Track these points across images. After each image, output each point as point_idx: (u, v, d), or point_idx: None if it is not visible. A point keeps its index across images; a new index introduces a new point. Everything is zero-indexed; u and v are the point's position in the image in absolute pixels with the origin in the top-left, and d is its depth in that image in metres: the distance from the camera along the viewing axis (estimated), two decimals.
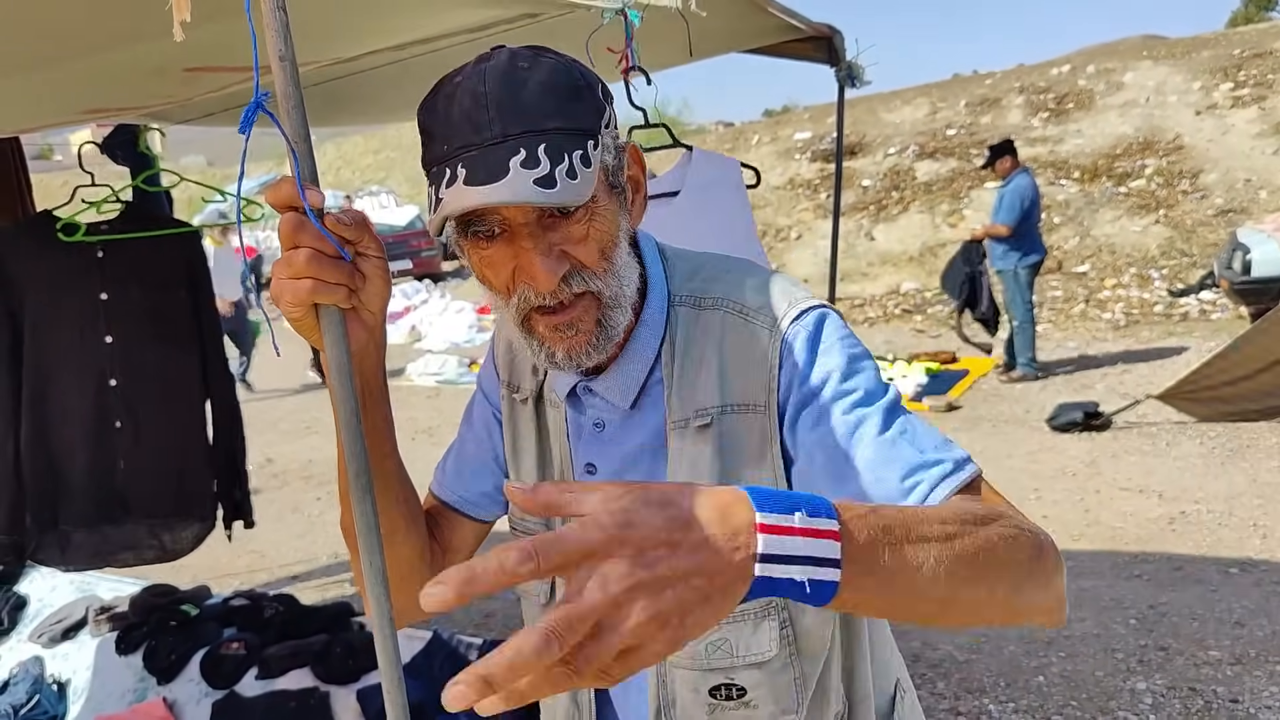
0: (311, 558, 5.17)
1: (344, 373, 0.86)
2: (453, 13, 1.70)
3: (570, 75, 0.90)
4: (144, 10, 1.25)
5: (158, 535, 2.96)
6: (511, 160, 0.83)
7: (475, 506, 1.18)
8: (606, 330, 0.95)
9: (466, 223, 0.90)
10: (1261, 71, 13.62)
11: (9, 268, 2.75)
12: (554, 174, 0.84)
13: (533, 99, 0.86)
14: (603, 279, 0.93)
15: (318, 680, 2.94)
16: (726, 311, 1.01)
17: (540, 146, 0.84)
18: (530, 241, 0.89)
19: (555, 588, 1.11)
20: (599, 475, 1.05)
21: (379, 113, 3.34)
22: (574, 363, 0.96)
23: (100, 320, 2.80)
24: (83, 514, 2.85)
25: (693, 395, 1.00)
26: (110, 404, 2.82)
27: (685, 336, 1.02)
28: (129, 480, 2.87)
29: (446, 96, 0.89)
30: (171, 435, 2.93)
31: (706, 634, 0.92)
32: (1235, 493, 5.05)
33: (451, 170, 0.86)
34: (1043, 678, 3.42)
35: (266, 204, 0.83)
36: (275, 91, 0.80)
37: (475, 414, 1.22)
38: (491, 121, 0.85)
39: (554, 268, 0.89)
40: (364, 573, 0.89)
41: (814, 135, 16.38)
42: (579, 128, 0.88)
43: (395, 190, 23.26)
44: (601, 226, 0.92)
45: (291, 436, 7.79)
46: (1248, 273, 7.77)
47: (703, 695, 1.00)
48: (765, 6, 2.33)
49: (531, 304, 0.92)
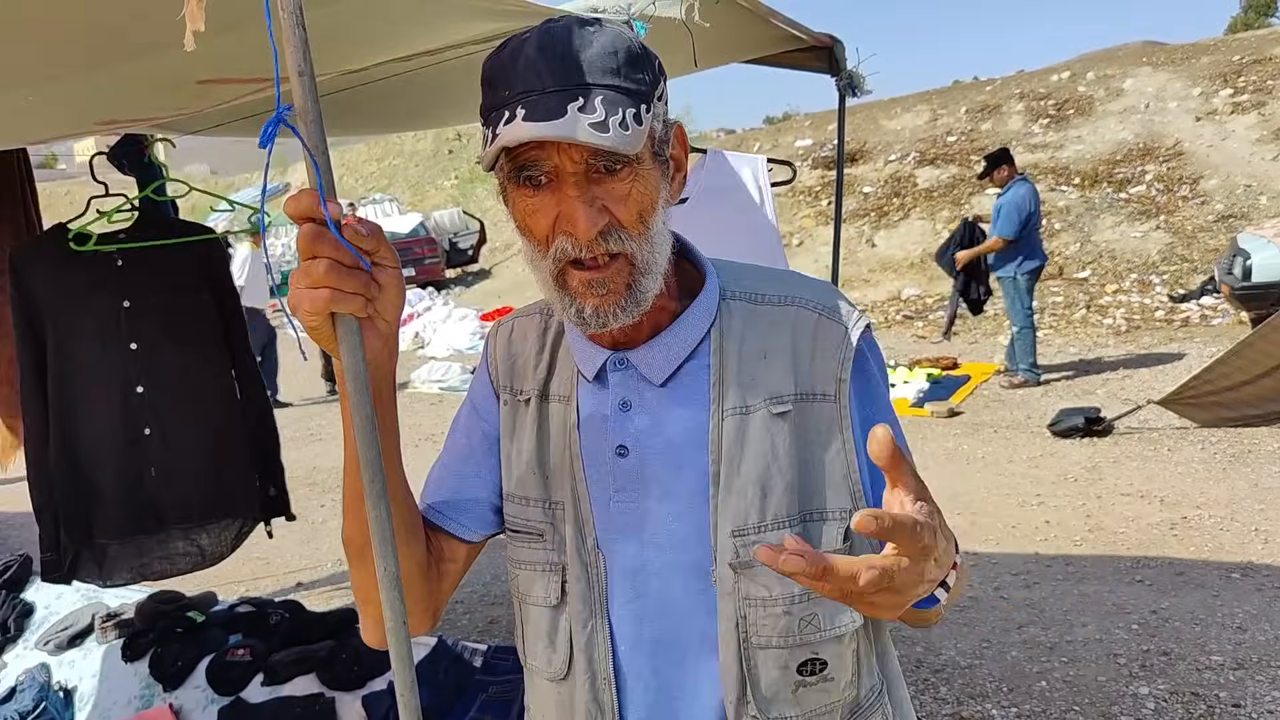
0: (316, 564, 5.19)
1: (360, 381, 0.88)
2: (459, 25, 1.72)
3: (631, 44, 0.95)
4: (161, 23, 1.27)
5: (195, 540, 2.97)
6: (570, 105, 0.88)
7: (459, 526, 1.16)
8: (635, 295, 0.98)
9: (519, 168, 0.94)
10: (1261, 77, 13.65)
11: (30, 284, 2.76)
12: (607, 122, 0.88)
13: (595, 56, 0.92)
14: (637, 242, 0.97)
15: (323, 686, 2.95)
16: (801, 308, 1.06)
17: (598, 98, 0.89)
18: (575, 189, 0.93)
19: (565, 591, 1.10)
20: (631, 457, 1.06)
21: (384, 123, 3.36)
22: (600, 320, 0.98)
23: (123, 328, 2.81)
24: (117, 525, 2.86)
25: (756, 384, 1.04)
26: (138, 411, 2.84)
27: (743, 328, 1.06)
28: (161, 487, 2.88)
29: (512, 50, 0.94)
30: (204, 437, 2.94)
31: (803, 607, 1.03)
32: (1237, 498, 5.06)
33: (510, 111, 0.90)
34: (1045, 683, 3.43)
35: (285, 214, 0.85)
36: (295, 105, 0.82)
37: (461, 431, 1.20)
38: (554, 71, 0.90)
39: (594, 218, 0.93)
40: (379, 579, 0.91)
41: (815, 142, 16.43)
42: (635, 89, 0.93)
43: (398, 198, 23.31)
44: (643, 189, 0.96)
45: (295, 444, 7.80)
46: (1248, 278, 7.78)
47: (791, 672, 1.02)
48: (768, 17, 2.35)
49: (569, 255, 0.96)
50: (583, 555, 1.09)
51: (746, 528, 1.01)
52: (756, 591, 1.01)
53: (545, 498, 1.12)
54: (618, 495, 1.07)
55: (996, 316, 9.91)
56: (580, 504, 1.09)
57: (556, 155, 0.92)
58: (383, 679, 2.98)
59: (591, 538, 1.08)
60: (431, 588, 1.13)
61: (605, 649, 1.08)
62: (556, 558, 1.11)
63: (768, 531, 1.00)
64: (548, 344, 1.16)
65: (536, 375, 1.14)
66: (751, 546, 1.00)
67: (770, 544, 0.70)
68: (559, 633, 1.11)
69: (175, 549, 2.96)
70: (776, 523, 1.00)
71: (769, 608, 1.01)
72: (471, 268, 19.96)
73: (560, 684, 1.11)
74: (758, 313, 1.07)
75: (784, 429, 1.02)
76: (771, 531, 1.00)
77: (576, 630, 1.09)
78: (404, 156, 24.77)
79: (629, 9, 1.78)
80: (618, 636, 1.08)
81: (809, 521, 1.02)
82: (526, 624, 1.16)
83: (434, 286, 17.56)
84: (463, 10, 1.56)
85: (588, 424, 1.10)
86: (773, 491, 1.01)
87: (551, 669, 1.12)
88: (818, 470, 1.02)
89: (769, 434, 1.02)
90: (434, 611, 1.15)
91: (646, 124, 0.93)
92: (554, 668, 1.11)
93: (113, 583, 2.99)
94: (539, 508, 1.12)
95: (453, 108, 3.09)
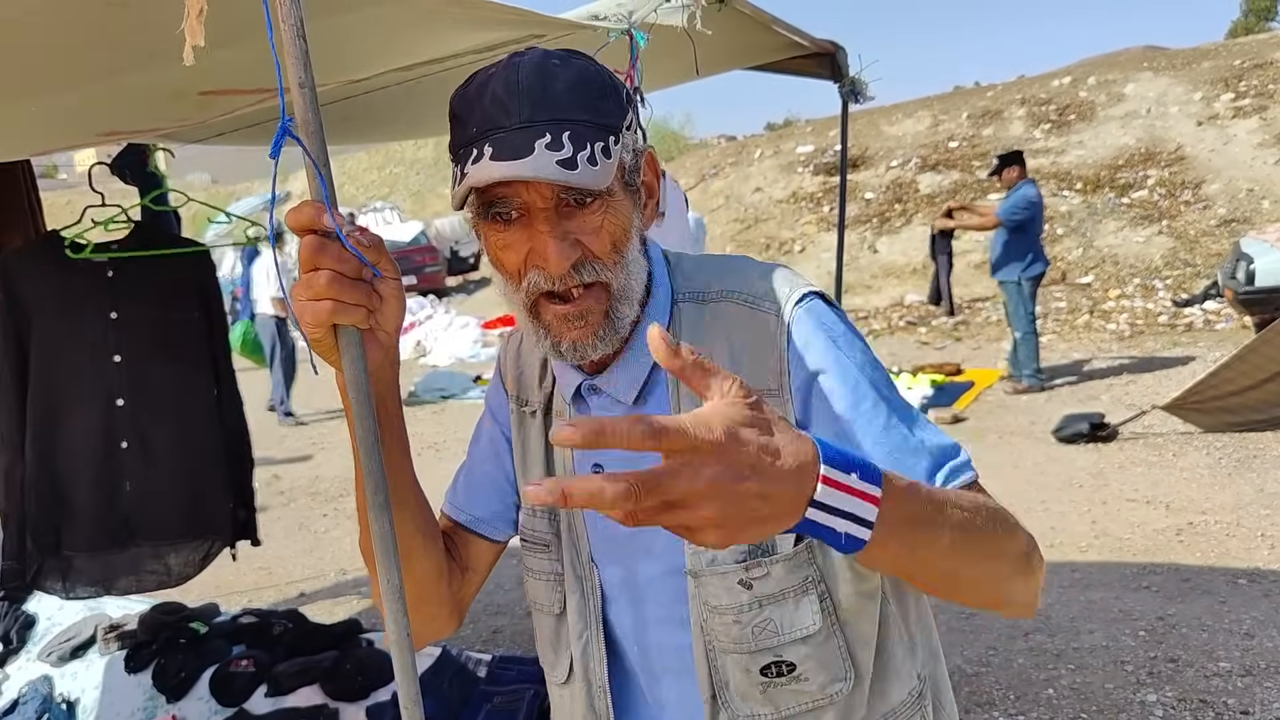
0: (319, 574, 5.18)
1: (362, 392, 0.87)
2: (460, 34, 1.72)
3: (599, 76, 0.95)
4: (164, 35, 1.27)
5: (163, 559, 2.90)
6: (537, 142, 0.88)
7: (487, 525, 1.19)
8: (613, 323, 0.98)
9: (489, 204, 0.94)
10: (1262, 82, 13.66)
11: (17, 288, 2.73)
12: (575, 158, 0.88)
13: (561, 92, 0.91)
14: (613, 271, 0.97)
15: (327, 698, 2.95)
16: (732, 301, 1.04)
17: (565, 133, 0.89)
18: (546, 225, 0.93)
19: (567, 600, 1.12)
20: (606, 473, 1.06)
21: (385, 132, 3.36)
22: (578, 354, 0.98)
23: (109, 339, 2.77)
24: (87, 538, 2.80)
25: None
26: (117, 424, 2.78)
27: (689, 331, 1.04)
28: (136, 502, 2.82)
29: (479, 85, 0.94)
30: (183, 455, 2.88)
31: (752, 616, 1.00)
32: (1242, 503, 5.04)
33: (478, 149, 0.90)
34: (1052, 690, 3.41)
35: (286, 225, 0.84)
36: (296, 117, 0.81)
37: (483, 434, 1.23)
38: (521, 108, 0.90)
39: (566, 252, 0.93)
40: (382, 591, 0.90)
41: (816, 148, 16.45)
42: (603, 123, 0.92)
43: (399, 206, 23.35)
44: (615, 219, 0.96)
45: (298, 454, 7.81)
46: (1252, 282, 7.77)
47: (754, 675, 1.01)
48: (770, 25, 2.35)
49: (541, 289, 0.95)
50: (577, 569, 1.11)
51: None
52: (710, 599, 1.01)
53: (550, 509, 1.13)
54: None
55: (999, 322, 9.90)
56: (574, 518, 1.10)
57: (525, 192, 0.92)
58: (387, 690, 2.98)
59: (586, 551, 1.10)
60: (454, 589, 1.15)
61: (600, 659, 1.10)
62: (560, 568, 1.13)
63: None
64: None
65: (542, 390, 1.15)
66: (704, 553, 1.00)
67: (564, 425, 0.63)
68: (561, 641, 1.14)
69: (143, 566, 2.89)
70: None
71: (721, 616, 1.01)
72: (473, 275, 19.99)
73: (563, 688, 1.16)
74: (705, 312, 1.05)
75: None
76: None
77: (573, 640, 1.12)
78: (405, 164, 24.82)
79: (630, 17, 1.78)
80: (613, 645, 1.11)
81: None
82: (538, 629, 1.20)
83: (435, 294, 17.58)
84: (464, 20, 1.56)
85: None
86: None
87: (555, 673, 1.16)
88: None
89: None
90: (459, 612, 1.17)
91: (615, 156, 0.93)
92: (557, 673, 1.16)
93: (74, 595, 2.92)
94: (544, 518, 1.14)
95: None
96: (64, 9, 1.13)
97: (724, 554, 0.99)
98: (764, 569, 0.99)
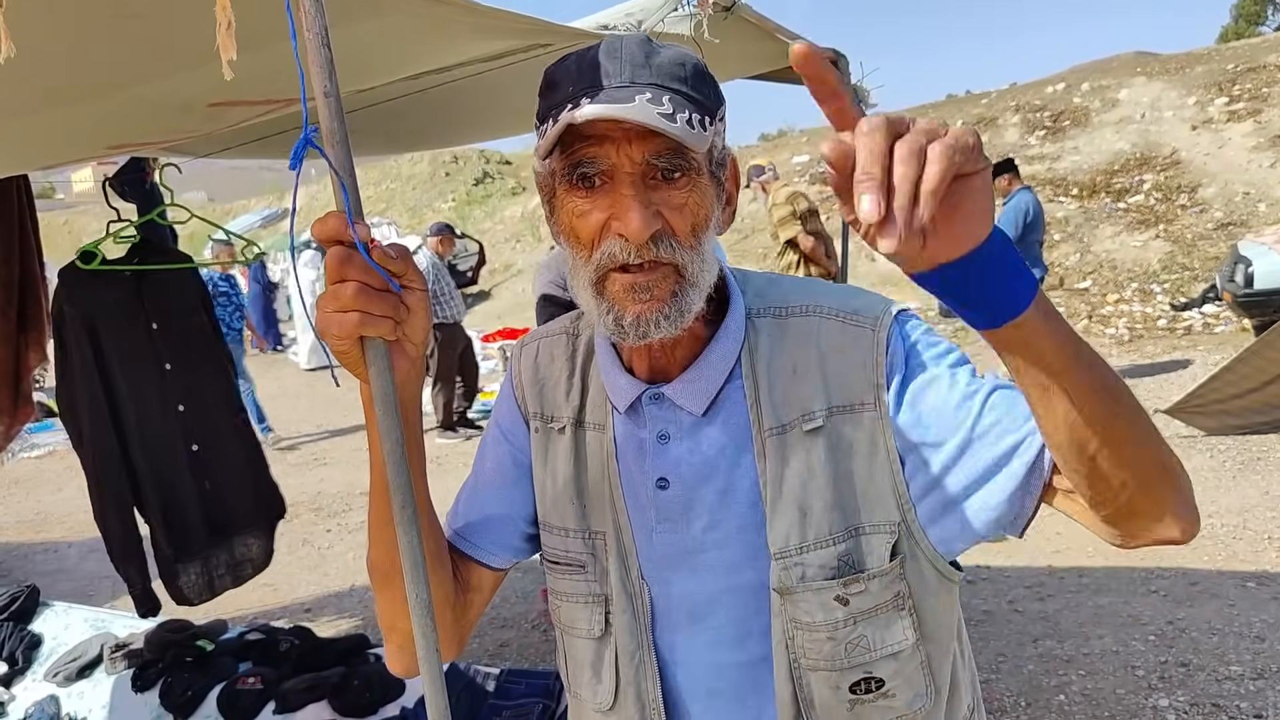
0: (324, 590, 5.15)
1: (389, 404, 0.86)
2: (469, 43, 1.72)
3: (698, 62, 0.94)
4: (173, 46, 1.27)
5: (250, 547, 3.21)
6: (638, 96, 0.86)
7: (487, 554, 1.15)
8: (680, 305, 0.94)
9: (574, 165, 0.91)
10: (1256, 85, 13.71)
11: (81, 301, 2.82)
12: (675, 116, 0.86)
13: (663, 64, 0.90)
14: (688, 253, 0.93)
15: (335, 714, 2.93)
16: (823, 317, 1.02)
17: (665, 96, 0.87)
18: (631, 189, 0.90)
19: (609, 622, 1.08)
20: (672, 488, 1.03)
21: (388, 145, 3.36)
22: (640, 330, 0.94)
23: (158, 349, 2.95)
24: (198, 541, 3.04)
25: (789, 401, 1.00)
26: (186, 429, 3.00)
27: (770, 345, 1.02)
28: (218, 500, 3.07)
29: (577, 55, 0.93)
30: (236, 450, 3.16)
31: (847, 632, 0.97)
32: (1248, 506, 5.03)
33: (574, 103, 0.87)
34: (1063, 696, 3.40)
35: (313, 236, 0.83)
36: (321, 126, 0.81)
37: (489, 455, 1.18)
38: (622, 70, 0.89)
39: (649, 220, 0.90)
40: (410, 605, 0.89)
41: (812, 158, 16.48)
42: (701, 100, 0.91)
43: (396, 221, 23.33)
44: (699, 201, 0.93)
45: (300, 469, 7.78)
46: (1250, 285, 7.78)
47: (843, 692, 0.99)
48: (773, 33, 2.35)
49: (616, 260, 0.92)
50: (627, 587, 1.07)
51: (788, 549, 0.99)
52: (801, 616, 0.99)
53: (585, 528, 1.09)
54: (660, 526, 1.04)
55: None
56: (623, 535, 1.07)
57: (615, 154, 0.89)
58: (395, 705, 2.96)
59: (635, 569, 1.06)
60: (458, 616, 1.12)
61: (654, 679, 1.06)
62: (599, 589, 1.09)
63: (809, 552, 0.98)
64: (577, 367, 1.12)
65: (570, 402, 1.11)
66: (794, 569, 0.98)
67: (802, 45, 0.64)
68: (604, 664, 1.09)
69: (238, 558, 3.15)
70: (818, 542, 0.98)
71: (813, 633, 0.98)
72: (471, 289, 19.97)
73: (608, 714, 1.10)
74: (784, 327, 1.03)
75: (818, 446, 0.98)
76: (813, 552, 0.98)
77: (624, 662, 1.07)
78: (401, 180, 24.81)
79: (640, 26, 1.78)
80: (665, 665, 1.07)
81: (853, 537, 0.98)
82: (570, 654, 1.14)
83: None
84: (474, 28, 1.56)
85: (624, 454, 1.07)
86: (811, 511, 0.98)
87: (598, 700, 1.10)
88: (859, 484, 0.98)
89: (804, 452, 0.99)
90: (460, 639, 1.13)
91: (711, 134, 0.91)
92: (600, 699, 1.10)
93: (199, 601, 3.11)
94: (578, 538, 1.10)
95: (457, 128, 3.09)
96: (74, 21, 1.12)
97: (814, 570, 0.97)
98: (861, 585, 0.97)
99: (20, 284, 2.95)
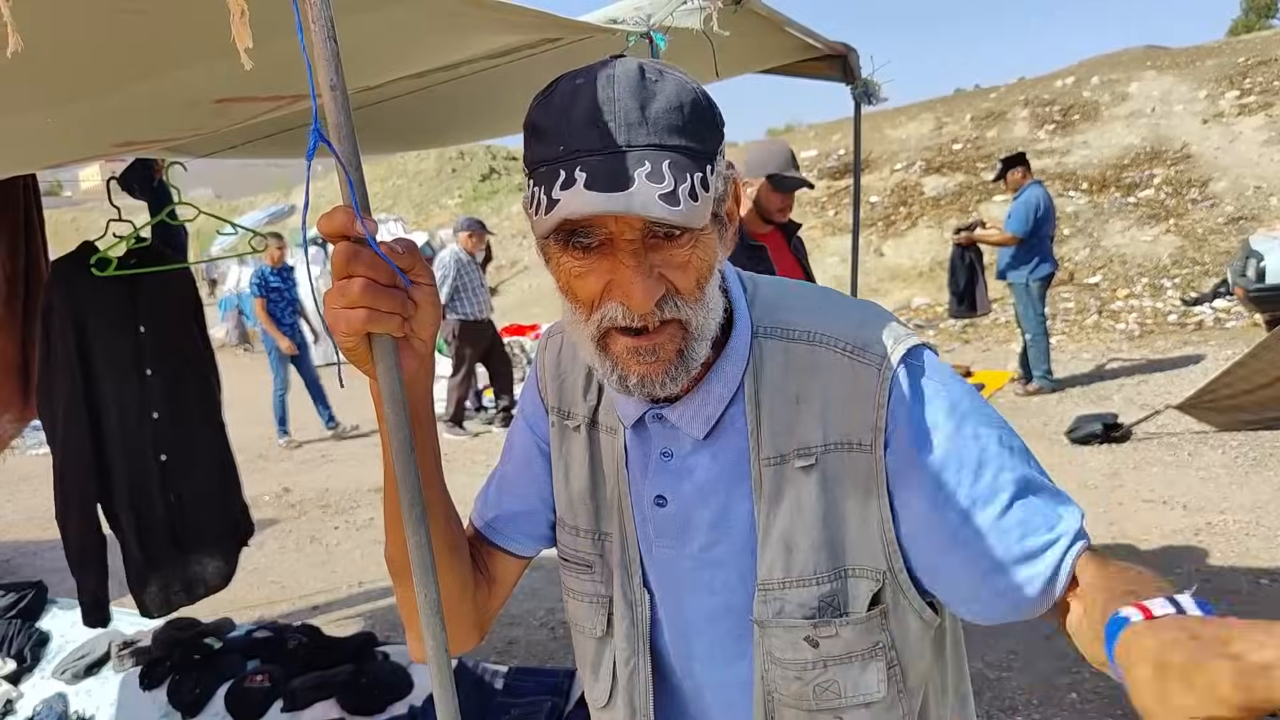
0: (332, 587, 5.15)
1: (397, 401, 0.85)
2: (477, 37, 1.70)
3: (695, 95, 0.86)
4: (180, 43, 1.25)
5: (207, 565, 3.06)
6: (636, 171, 0.80)
7: (515, 542, 1.15)
8: (685, 361, 0.91)
9: (569, 232, 0.86)
10: (1267, 79, 13.63)
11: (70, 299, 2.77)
12: (677, 192, 0.80)
13: (660, 113, 0.83)
14: (694, 309, 0.89)
15: (344, 712, 2.93)
16: (828, 348, 0.97)
17: (665, 162, 0.81)
18: (632, 259, 0.85)
19: (610, 624, 1.08)
20: (670, 506, 1.02)
21: (396, 142, 3.35)
22: (645, 390, 0.92)
23: (142, 353, 2.87)
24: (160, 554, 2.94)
25: (789, 432, 0.96)
26: (156, 438, 2.90)
27: (774, 371, 0.98)
28: (182, 513, 2.97)
29: (567, 94, 0.85)
30: (209, 465, 3.05)
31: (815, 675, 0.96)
32: (1261, 502, 5.00)
33: (568, 172, 0.81)
34: (1076, 694, 3.37)
35: (319, 232, 0.82)
36: (327, 120, 0.79)
37: (517, 444, 1.18)
38: (617, 129, 0.81)
39: (653, 289, 0.86)
40: (419, 605, 0.88)
41: (820, 153, 16.44)
42: (701, 149, 0.85)
43: (403, 218, 23.36)
44: (703, 255, 0.89)
45: (308, 466, 7.78)
46: (1262, 280, 7.73)
47: None
48: (784, 26, 2.33)
49: (617, 323, 0.88)
50: (628, 593, 1.07)
51: (771, 582, 0.97)
52: (774, 650, 0.97)
53: (595, 529, 1.09)
54: (659, 540, 1.04)
55: (1009, 324, 9.86)
56: (628, 542, 1.06)
57: (614, 223, 0.84)
58: (403, 703, 2.95)
59: (638, 576, 1.06)
60: (480, 603, 1.12)
61: (646, 686, 1.06)
62: (604, 590, 1.09)
63: (790, 589, 0.96)
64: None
65: (587, 402, 1.10)
66: (773, 603, 0.97)
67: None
68: (603, 664, 1.10)
69: (195, 576, 3.01)
70: (801, 580, 0.96)
71: (784, 669, 0.97)
72: None
73: (602, 712, 1.12)
74: (789, 352, 0.98)
75: (810, 483, 0.95)
76: (794, 589, 0.96)
77: (620, 665, 1.08)
78: (407, 176, 24.85)
79: (649, 20, 1.76)
80: (662, 673, 1.08)
81: (840, 579, 0.95)
82: (578, 650, 1.16)
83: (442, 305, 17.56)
84: (482, 22, 1.54)
85: (632, 463, 1.06)
86: (796, 549, 0.96)
87: (594, 696, 1.12)
88: (851, 525, 0.95)
89: (796, 488, 0.96)
90: (482, 627, 1.14)
91: (713, 188, 0.85)
92: (596, 695, 1.12)
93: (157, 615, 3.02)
94: (588, 538, 1.10)
95: (464, 126, 3.08)
96: (76, 16, 1.11)
97: (792, 608, 0.95)
98: (833, 629, 0.95)
99: (26, 277, 2.95)
